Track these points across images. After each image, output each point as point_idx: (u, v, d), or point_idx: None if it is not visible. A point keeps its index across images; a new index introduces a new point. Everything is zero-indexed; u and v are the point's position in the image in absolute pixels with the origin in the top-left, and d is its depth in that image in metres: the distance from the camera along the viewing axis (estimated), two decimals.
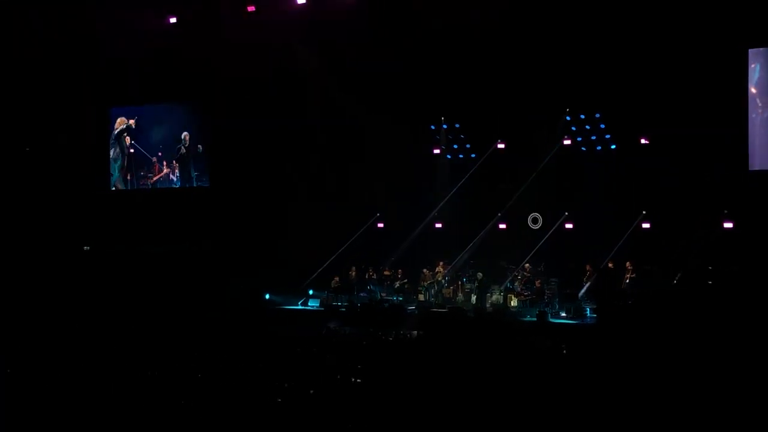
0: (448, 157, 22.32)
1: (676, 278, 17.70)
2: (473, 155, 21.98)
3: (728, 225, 18.21)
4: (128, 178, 24.94)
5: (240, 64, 21.77)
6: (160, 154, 24.64)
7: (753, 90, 18.00)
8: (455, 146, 22.29)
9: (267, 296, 21.63)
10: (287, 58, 21.92)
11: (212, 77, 22.71)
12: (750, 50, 18.04)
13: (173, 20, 22.41)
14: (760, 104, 17.96)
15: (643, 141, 19.26)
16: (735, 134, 17.96)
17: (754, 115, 17.97)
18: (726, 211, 18.26)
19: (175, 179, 24.47)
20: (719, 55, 17.46)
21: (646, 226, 19.27)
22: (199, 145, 24.16)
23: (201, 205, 23.79)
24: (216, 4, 21.98)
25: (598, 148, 20.23)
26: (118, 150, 25.11)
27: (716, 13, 17.06)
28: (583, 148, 20.41)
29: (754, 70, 17.98)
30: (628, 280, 18.31)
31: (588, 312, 18.14)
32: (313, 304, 21.17)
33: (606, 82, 18.66)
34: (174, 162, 24.50)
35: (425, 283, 20.80)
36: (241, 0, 21.49)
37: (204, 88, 23.38)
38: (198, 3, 22.14)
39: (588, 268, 19.22)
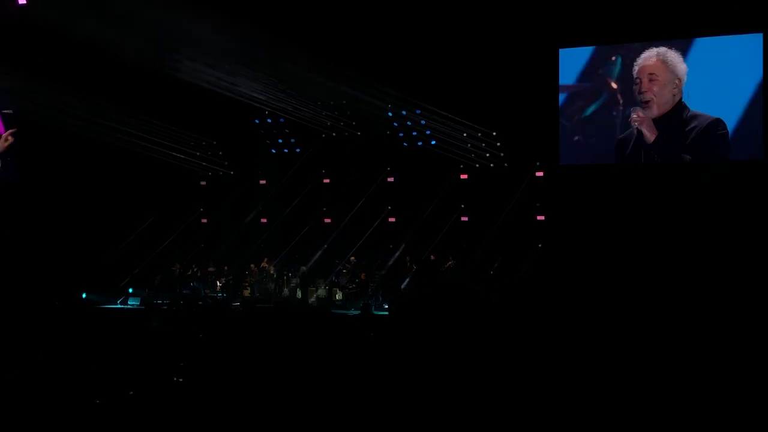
0: (273, 151, 22.20)
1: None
2: (298, 150, 22.02)
3: (540, 217, 19.18)
4: None
5: None
6: None
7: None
8: (280, 140, 22.20)
9: (84, 295, 20.70)
10: None
11: None
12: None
13: None
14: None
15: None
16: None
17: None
18: (538, 204, 19.20)
19: None
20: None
21: (464, 219, 19.95)
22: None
23: (10, 199, 22.24)
24: None
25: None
26: None
27: (528, 13, 17.75)
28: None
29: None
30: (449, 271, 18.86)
31: None
32: (133, 302, 20.48)
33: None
34: None
35: (251, 279, 20.61)
36: None
37: None
38: None
39: (408, 259, 19.66)
